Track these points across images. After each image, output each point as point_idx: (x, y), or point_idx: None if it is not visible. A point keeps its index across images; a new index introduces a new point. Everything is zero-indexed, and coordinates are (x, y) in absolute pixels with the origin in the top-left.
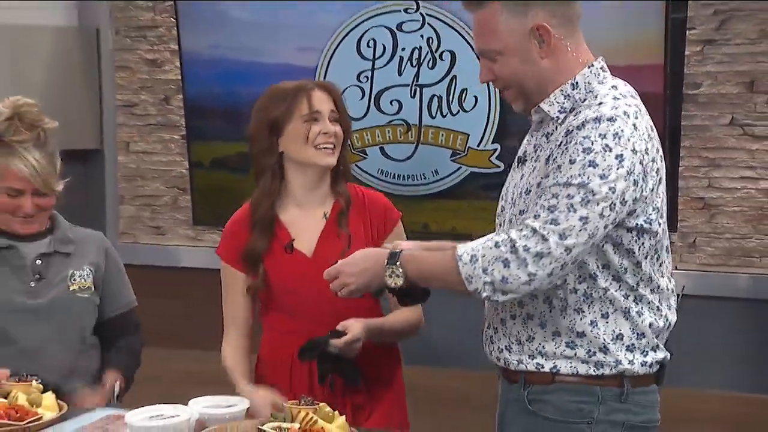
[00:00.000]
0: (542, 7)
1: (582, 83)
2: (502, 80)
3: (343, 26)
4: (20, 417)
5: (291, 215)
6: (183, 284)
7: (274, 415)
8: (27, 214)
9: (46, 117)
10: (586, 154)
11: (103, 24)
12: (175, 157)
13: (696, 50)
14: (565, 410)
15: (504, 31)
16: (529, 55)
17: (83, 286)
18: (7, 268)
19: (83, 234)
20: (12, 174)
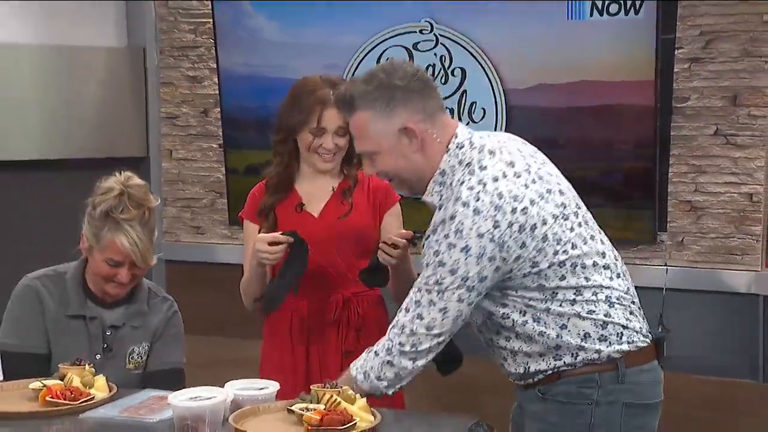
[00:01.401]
0: (405, 108)
1: (447, 169)
2: (383, 174)
3: (364, 45)
4: (75, 397)
5: (304, 186)
6: (219, 278)
7: (302, 396)
8: (121, 283)
9: (151, 196)
10: (436, 256)
11: (150, 44)
12: (213, 164)
13: (684, 67)
14: (571, 394)
15: (375, 134)
16: (402, 152)
17: (138, 364)
18: (84, 335)
19: (155, 303)
20: (115, 247)
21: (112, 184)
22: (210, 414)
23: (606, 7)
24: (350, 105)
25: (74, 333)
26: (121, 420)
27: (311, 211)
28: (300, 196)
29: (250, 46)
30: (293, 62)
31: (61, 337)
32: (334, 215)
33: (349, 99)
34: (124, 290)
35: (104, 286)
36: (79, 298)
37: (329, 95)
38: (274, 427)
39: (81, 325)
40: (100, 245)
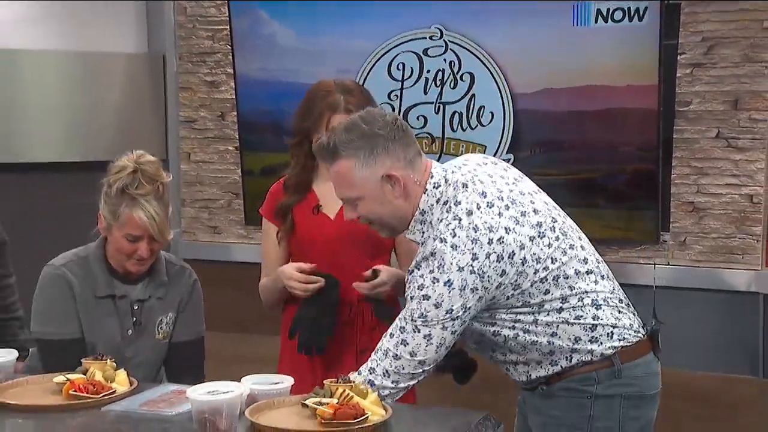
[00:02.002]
0: (388, 156)
1: (426, 209)
2: (365, 218)
3: (376, 51)
4: (97, 390)
5: (322, 188)
6: (236, 276)
7: (316, 391)
8: (142, 258)
9: (164, 172)
10: (420, 290)
11: (169, 51)
12: (230, 166)
13: (686, 72)
14: (571, 389)
15: (359, 181)
16: (384, 198)
17: (167, 334)
18: (115, 313)
19: (175, 271)
20: (133, 222)
21: (125, 163)
22: (227, 407)
23: (610, 13)
24: (333, 153)
25: (105, 313)
26: (141, 413)
27: (327, 212)
28: (317, 198)
29: (265, 51)
30: (307, 67)
31: (93, 319)
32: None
33: (332, 148)
34: (145, 266)
35: (125, 264)
36: (106, 279)
37: (340, 101)
38: (289, 420)
39: (110, 304)
40: (119, 222)
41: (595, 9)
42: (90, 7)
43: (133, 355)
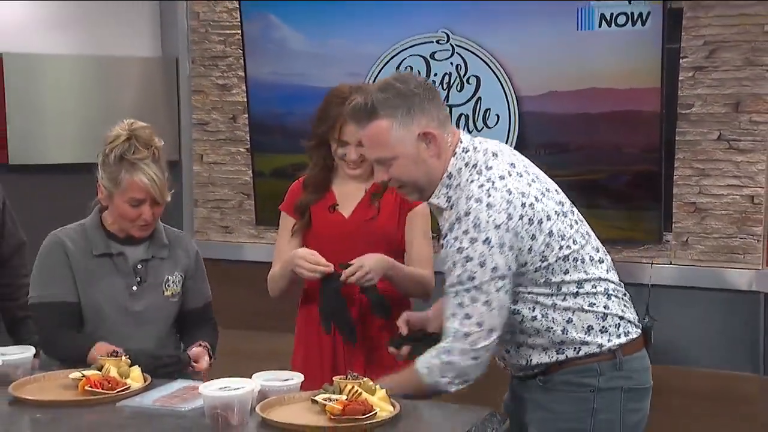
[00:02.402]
0: (423, 114)
1: (454, 172)
2: (397, 180)
3: (384, 55)
4: (112, 386)
5: (339, 187)
6: (247, 275)
7: (325, 387)
8: (146, 222)
9: (155, 137)
10: (460, 252)
11: (182, 54)
12: (241, 167)
13: (688, 75)
14: (573, 383)
15: (395, 141)
16: (419, 157)
17: (175, 291)
18: (115, 271)
19: (174, 236)
20: (135, 185)
21: (118, 131)
22: (238, 403)
23: (614, 18)
24: (371, 113)
25: (105, 272)
26: (155, 408)
27: (343, 211)
28: (335, 197)
29: (276, 55)
30: (317, 71)
31: (94, 279)
32: (363, 217)
33: (371, 108)
34: (149, 230)
35: (130, 230)
36: (102, 239)
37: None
38: (299, 416)
39: (109, 263)
40: (121, 188)
41: (599, 13)
42: (106, 13)
43: (141, 310)
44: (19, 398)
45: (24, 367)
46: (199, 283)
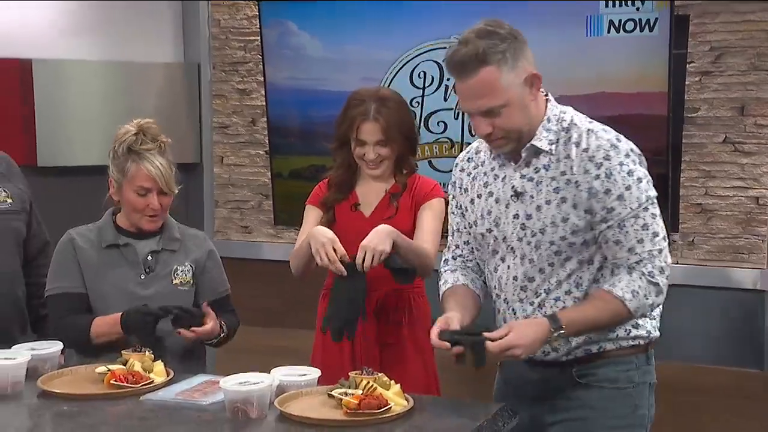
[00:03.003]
0: (525, 58)
1: (552, 116)
2: (502, 131)
3: (398, 60)
4: (136, 380)
5: (362, 187)
6: (265, 273)
7: (341, 382)
8: (154, 211)
9: (162, 135)
10: (631, 176)
11: (203, 60)
12: (260, 169)
13: (695, 80)
14: (614, 379)
15: (505, 86)
16: (525, 101)
17: (184, 280)
18: (123, 262)
19: (188, 234)
20: (142, 174)
21: (128, 127)
22: (258, 397)
23: (622, 24)
24: (481, 61)
25: (113, 262)
26: (177, 402)
27: (364, 211)
28: (357, 197)
29: (294, 61)
30: (334, 76)
31: (102, 269)
32: (383, 216)
33: (481, 55)
34: (158, 222)
35: (141, 222)
36: (112, 233)
37: (369, 109)
38: (316, 409)
39: (117, 254)
40: (128, 177)
41: (608, 20)
42: (130, 20)
43: (149, 297)
44: (48, 391)
45: (52, 361)
46: (213, 275)
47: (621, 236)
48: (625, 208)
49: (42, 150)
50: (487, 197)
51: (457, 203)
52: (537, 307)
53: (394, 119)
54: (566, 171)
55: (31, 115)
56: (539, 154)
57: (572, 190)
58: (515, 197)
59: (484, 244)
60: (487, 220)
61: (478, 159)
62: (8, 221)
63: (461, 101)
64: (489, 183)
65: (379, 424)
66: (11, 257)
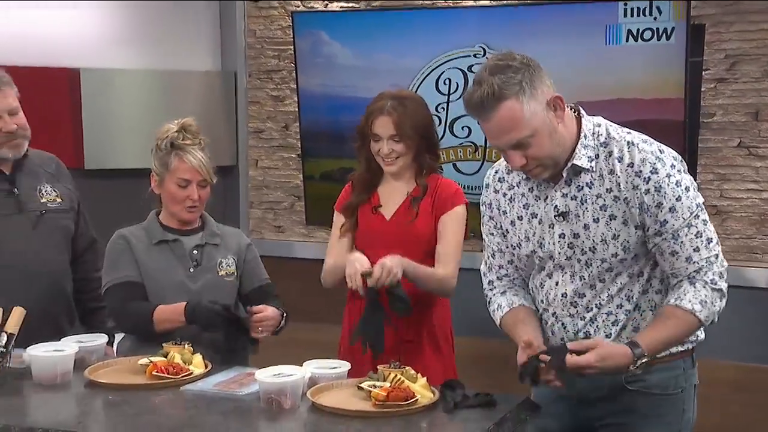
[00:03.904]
0: (542, 82)
1: (588, 132)
2: (535, 160)
3: (425, 68)
4: (176, 372)
5: (384, 189)
6: (298, 270)
7: (370, 375)
8: (194, 202)
9: (201, 133)
10: (678, 186)
11: (240, 69)
12: (292, 172)
13: (710, 87)
14: (663, 385)
15: (528, 116)
16: (552, 126)
17: (228, 272)
18: (172, 257)
19: (227, 230)
20: (184, 167)
21: (170, 126)
22: (291, 389)
23: (640, 33)
24: (498, 98)
25: (164, 258)
26: (214, 392)
27: (385, 213)
28: (379, 199)
29: (325, 69)
30: (363, 83)
31: (154, 264)
32: (403, 220)
33: (497, 91)
34: (197, 213)
35: (181, 213)
36: (159, 230)
37: (385, 105)
38: (346, 401)
39: (166, 249)
40: (170, 170)
41: (626, 29)
42: (171, 31)
43: (199, 288)
44: (94, 381)
45: (98, 353)
46: (253, 268)
47: (677, 247)
48: (678, 219)
49: (89, 153)
50: (529, 219)
51: (496, 224)
52: (589, 321)
53: (408, 115)
54: (612, 188)
55: (78, 121)
56: (580, 172)
57: (621, 206)
58: (559, 217)
59: (529, 264)
60: (531, 241)
61: (512, 179)
62: (58, 219)
63: (489, 139)
64: (529, 204)
65: (406, 415)
66: (60, 253)
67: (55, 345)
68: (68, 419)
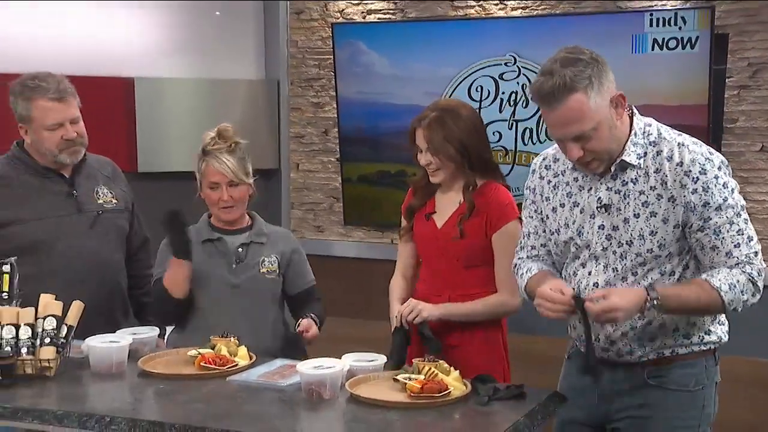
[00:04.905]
0: (608, 79)
1: (638, 130)
2: (592, 153)
3: (458, 76)
4: (223, 363)
5: (441, 197)
6: (336, 268)
7: (405, 368)
8: (225, 202)
9: (238, 136)
10: (725, 188)
11: (282, 77)
12: (331, 175)
13: (734, 93)
14: (683, 382)
15: (594, 110)
16: (612, 122)
17: (270, 269)
18: (216, 254)
19: (276, 230)
20: (211, 171)
21: (210, 132)
22: (330, 380)
23: (665, 42)
24: (569, 89)
25: (210, 254)
26: (258, 383)
27: (437, 221)
28: (434, 205)
29: (363, 77)
30: (399, 90)
31: (198, 260)
32: (451, 233)
33: (569, 83)
34: (233, 213)
35: (218, 214)
36: (207, 230)
37: (425, 115)
38: (382, 392)
39: (212, 247)
40: (202, 174)
41: (652, 38)
42: (218, 42)
43: (240, 283)
44: (146, 371)
45: (150, 344)
46: (299, 270)
47: (718, 242)
48: (722, 217)
49: (142, 157)
50: (571, 207)
51: (537, 208)
52: None
53: (442, 131)
54: (656, 185)
55: (133, 127)
56: (626, 168)
57: (664, 204)
58: (601, 209)
59: (565, 250)
60: (570, 228)
61: (558, 167)
62: (114, 219)
63: (551, 129)
64: (573, 193)
65: (439, 406)
66: (116, 251)
67: (110, 337)
68: (123, 406)
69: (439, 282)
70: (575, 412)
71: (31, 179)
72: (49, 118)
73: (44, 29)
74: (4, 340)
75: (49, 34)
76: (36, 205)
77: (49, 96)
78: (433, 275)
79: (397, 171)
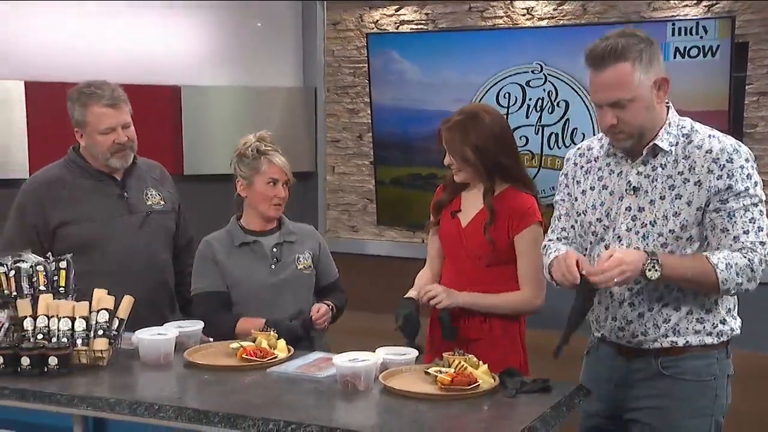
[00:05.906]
0: (657, 62)
1: (673, 122)
2: (626, 125)
3: (487, 83)
4: (263, 355)
5: (467, 195)
6: (370, 266)
7: (436, 362)
8: (280, 200)
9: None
10: (748, 178)
11: (319, 85)
12: (365, 177)
13: (753, 100)
14: (696, 372)
15: (636, 83)
16: (651, 102)
17: (306, 265)
18: (253, 256)
19: (301, 227)
20: (274, 168)
21: (248, 138)
22: (365, 372)
23: (687, 50)
24: (619, 55)
25: (247, 258)
26: (297, 374)
27: (462, 219)
28: (460, 203)
29: (396, 85)
30: (430, 97)
31: (238, 264)
32: (474, 231)
33: (620, 50)
34: (281, 211)
35: (268, 211)
36: (240, 233)
37: (448, 121)
38: (414, 384)
39: (248, 251)
40: (261, 172)
41: (674, 47)
42: (259, 52)
43: (280, 282)
44: (191, 362)
45: (195, 337)
46: (325, 264)
47: (729, 225)
48: (738, 203)
49: (188, 161)
50: (601, 189)
51: (570, 191)
52: (635, 293)
53: (460, 133)
54: (684, 171)
55: (179, 132)
56: (657, 153)
57: (690, 188)
58: (630, 191)
59: (589, 232)
60: (599, 210)
61: (591, 155)
62: (162, 220)
63: (593, 92)
64: (603, 177)
65: (468, 398)
66: (164, 250)
67: (158, 330)
68: (170, 395)
69: (462, 278)
70: (594, 405)
71: (85, 182)
72: (103, 123)
73: (101, 43)
74: (60, 331)
75: (105, 47)
76: (89, 207)
77: (104, 102)
78: (456, 272)
79: (428, 174)
